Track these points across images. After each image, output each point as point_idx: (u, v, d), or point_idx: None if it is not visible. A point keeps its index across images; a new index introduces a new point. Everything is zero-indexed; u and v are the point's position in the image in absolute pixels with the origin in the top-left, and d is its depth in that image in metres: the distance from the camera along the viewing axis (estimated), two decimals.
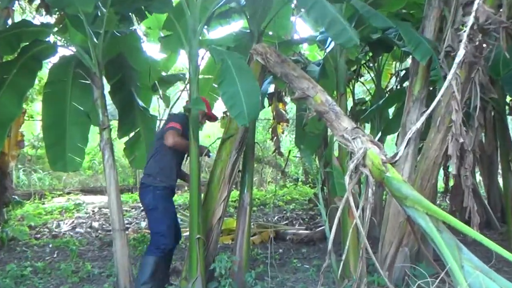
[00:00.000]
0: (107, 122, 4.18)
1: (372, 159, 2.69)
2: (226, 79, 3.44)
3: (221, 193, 4.11)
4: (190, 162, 3.87)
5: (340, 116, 3.12)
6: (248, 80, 3.49)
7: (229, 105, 3.35)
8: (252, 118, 3.37)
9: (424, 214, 2.49)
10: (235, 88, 3.38)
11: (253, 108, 3.33)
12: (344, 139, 2.94)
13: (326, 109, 3.19)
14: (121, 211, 4.19)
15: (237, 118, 3.31)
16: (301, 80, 3.43)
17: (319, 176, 5.27)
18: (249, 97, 3.35)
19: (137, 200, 10.18)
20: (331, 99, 3.24)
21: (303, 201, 9.89)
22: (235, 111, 3.31)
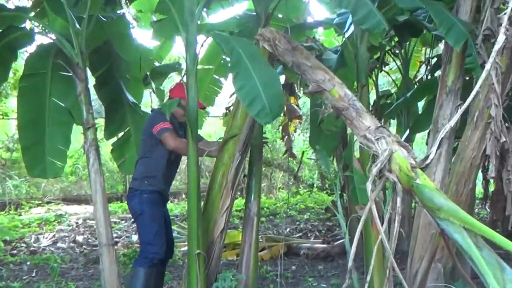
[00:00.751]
0: (92, 121, 4.20)
1: (400, 164, 2.67)
2: (241, 71, 3.43)
3: (224, 201, 4.10)
4: (188, 166, 3.87)
5: (361, 113, 3.09)
6: (265, 69, 3.49)
7: (247, 102, 3.34)
8: (277, 114, 3.39)
9: (460, 228, 2.47)
10: (252, 81, 3.37)
11: (275, 102, 3.34)
12: (366, 140, 2.92)
13: (345, 105, 3.17)
14: (109, 223, 4.21)
15: (259, 117, 3.31)
16: (316, 71, 3.42)
17: (337, 181, 5.25)
18: (269, 89, 3.35)
19: (127, 210, 10.21)
20: (350, 93, 3.22)
21: (319, 210, 9.88)
22: (255, 108, 3.31)
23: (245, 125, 4.06)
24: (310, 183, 12.90)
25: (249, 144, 4.20)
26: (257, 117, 3.33)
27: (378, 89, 7.10)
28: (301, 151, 12.94)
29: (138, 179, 4.09)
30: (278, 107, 3.36)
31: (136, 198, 4.06)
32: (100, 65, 4.91)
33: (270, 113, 3.28)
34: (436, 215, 2.55)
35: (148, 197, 4.03)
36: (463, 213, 2.51)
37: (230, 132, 4.15)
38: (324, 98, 3.34)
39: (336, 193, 4.93)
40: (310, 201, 11.01)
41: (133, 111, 5.03)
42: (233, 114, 4.15)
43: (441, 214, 2.52)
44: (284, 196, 12.07)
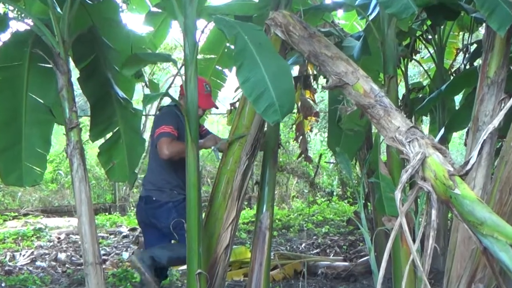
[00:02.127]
0: (75, 119, 4.21)
1: (435, 170, 2.64)
2: (246, 62, 3.41)
3: (229, 212, 4.12)
4: (187, 172, 3.87)
5: (390, 111, 3.07)
6: (274, 59, 3.48)
7: (253, 97, 3.33)
8: (287, 111, 3.36)
9: (507, 246, 2.44)
10: (258, 73, 3.35)
11: (286, 97, 3.32)
12: (396, 142, 2.90)
13: (371, 101, 3.15)
14: (96, 239, 4.21)
15: (266, 115, 3.30)
16: (337, 62, 3.40)
17: (360, 188, 5.24)
18: (278, 83, 3.34)
19: (116, 223, 10.26)
20: (377, 88, 3.20)
21: (340, 223, 9.86)
22: (262, 105, 3.29)
23: (254, 124, 4.06)
24: (329, 191, 12.88)
25: (258, 146, 4.21)
26: (264, 115, 3.31)
27: (407, 81, 7.08)
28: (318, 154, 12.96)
29: (166, 190, 4.27)
30: (289, 103, 3.34)
31: (173, 213, 4.26)
32: (85, 55, 4.92)
33: (279, 110, 3.27)
34: (478, 230, 2.52)
35: (183, 206, 4.09)
36: (511, 229, 2.48)
37: (236, 132, 4.15)
38: (346, 93, 3.32)
39: (359, 203, 4.92)
40: (329, 212, 10.99)
41: (123, 108, 5.03)
42: (240, 112, 4.15)
43: (484, 229, 2.49)
44: (299, 206, 12.07)
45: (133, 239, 8.57)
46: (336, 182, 13.12)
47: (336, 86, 3.35)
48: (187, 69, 3.90)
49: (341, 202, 12.08)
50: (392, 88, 4.43)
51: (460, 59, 7.38)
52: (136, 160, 5.20)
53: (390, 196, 4.34)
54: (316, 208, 11.53)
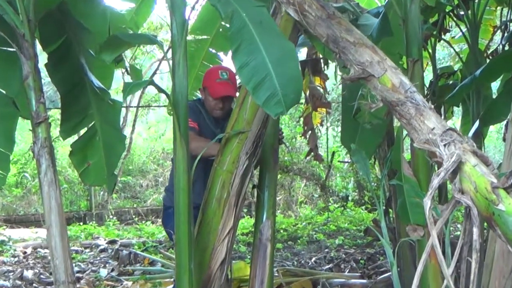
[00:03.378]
0: (43, 113, 4.20)
1: (476, 182, 2.60)
2: (244, 43, 3.40)
3: (225, 222, 4.11)
4: (175, 173, 3.87)
5: (423, 110, 3.02)
6: (278, 41, 3.47)
7: (251, 85, 3.30)
8: (292, 102, 3.32)
9: None
10: (259, 57, 3.34)
11: (291, 86, 3.30)
12: (429, 145, 2.87)
13: (400, 98, 3.10)
14: (69, 253, 4.21)
15: (267, 106, 3.27)
16: (361, 50, 3.36)
17: (380, 192, 5.24)
18: (282, 68, 3.32)
19: (93, 235, 10.27)
20: (408, 82, 3.16)
21: (356, 233, 9.87)
22: (262, 94, 3.27)
23: (257, 118, 4.05)
24: (343, 196, 12.91)
25: (260, 144, 4.20)
26: (265, 106, 3.29)
27: (435, 66, 7.07)
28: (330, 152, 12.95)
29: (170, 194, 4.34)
30: (294, 93, 3.31)
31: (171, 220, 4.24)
32: (54, 37, 4.91)
33: (283, 101, 3.23)
34: None
35: None
36: None
37: (234, 127, 4.14)
38: (371, 87, 3.27)
39: (379, 209, 4.92)
40: (343, 220, 11.01)
41: (99, 99, 5.02)
42: (240, 103, 4.15)
43: None
44: (308, 213, 12.08)
45: (112, 254, 8.59)
46: (352, 185, 13.15)
47: (359, 78, 3.30)
48: (174, 52, 3.88)
49: (357, 209, 12.09)
50: (417, 74, 4.42)
51: (497, 38, 7.36)
52: (115, 160, 5.20)
53: (416, 202, 4.35)
54: (328, 215, 11.55)
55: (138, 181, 14.60)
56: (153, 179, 14.83)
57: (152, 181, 14.81)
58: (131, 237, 10.24)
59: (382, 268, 7.30)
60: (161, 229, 10.52)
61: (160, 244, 9.15)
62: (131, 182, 14.35)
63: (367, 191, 12.53)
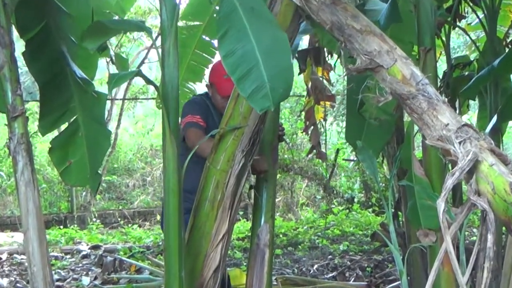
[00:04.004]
0: (20, 106, 4.20)
1: (493, 183, 2.60)
2: (232, 30, 3.40)
3: (219, 225, 4.10)
4: (164, 172, 3.86)
5: (436, 104, 3.02)
6: (269, 29, 3.46)
7: (237, 75, 3.29)
8: (281, 96, 3.32)
9: None
10: (247, 45, 3.33)
11: (281, 78, 3.30)
12: (442, 142, 2.87)
13: (411, 90, 3.11)
14: (48, 260, 4.21)
15: (253, 99, 3.25)
16: (368, 38, 3.36)
17: (389, 193, 5.24)
18: (273, 59, 3.31)
19: (74, 240, 10.27)
20: (420, 74, 3.17)
21: (363, 238, 9.89)
22: (248, 86, 3.26)
23: (254, 113, 4.03)
24: (349, 197, 12.92)
25: (258, 141, 4.20)
26: (250, 100, 3.27)
27: (450, 55, 7.06)
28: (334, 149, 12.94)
29: None
30: (284, 86, 3.30)
31: None
32: (33, 22, 4.90)
33: (270, 95, 3.21)
34: None
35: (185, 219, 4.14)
36: None
37: (229, 122, 4.14)
38: (379, 78, 3.28)
39: (387, 212, 4.92)
40: (348, 224, 11.02)
41: (82, 91, 5.02)
42: (236, 96, 4.14)
43: None
44: (310, 216, 12.08)
45: (96, 260, 8.58)
46: (358, 185, 13.16)
47: (366, 69, 3.30)
48: (164, 40, 3.88)
49: (364, 211, 12.11)
50: (429, 65, 4.42)
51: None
52: (100, 157, 5.20)
53: (427, 204, 4.34)
54: (332, 219, 11.55)
55: (124, 180, 14.59)
56: (140, 179, 14.82)
57: (140, 180, 14.80)
58: (116, 242, 10.23)
59: (390, 276, 7.30)
60: (149, 233, 10.57)
61: (148, 249, 9.15)
62: (117, 182, 14.34)
63: (374, 192, 12.55)
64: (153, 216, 12.17)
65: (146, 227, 11.50)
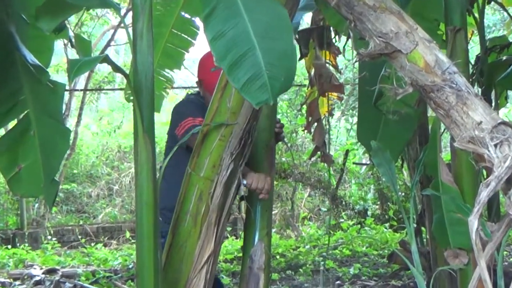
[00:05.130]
0: None
1: None
2: (220, 6, 3.39)
3: (202, 245, 4.09)
4: (136, 180, 3.85)
5: (467, 97, 3.00)
6: (266, 4, 3.47)
7: (228, 62, 3.28)
8: (282, 88, 3.31)
9: None
10: (239, 25, 3.33)
11: (282, 65, 3.29)
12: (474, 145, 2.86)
13: (436, 81, 3.10)
14: None
15: (247, 91, 3.24)
16: (383, 17, 3.35)
17: (410, 205, 5.25)
18: (271, 41, 3.31)
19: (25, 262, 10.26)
20: (447, 60, 3.16)
21: (378, 259, 9.92)
22: (241, 76, 3.25)
23: (245, 107, 4.04)
24: (361, 210, 12.96)
25: (250, 142, 4.20)
26: (244, 92, 3.25)
27: (484, 36, 7.08)
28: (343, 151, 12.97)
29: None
30: (285, 75, 3.30)
31: None
32: None
33: (269, 85, 3.21)
34: None
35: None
36: None
37: (215, 119, 4.14)
38: (397, 66, 3.27)
39: (408, 228, 4.93)
40: (360, 243, 11.06)
41: (34, 80, 5.02)
42: (223, 87, 4.14)
43: None
44: (313, 233, 12.11)
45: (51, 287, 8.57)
46: (372, 195, 13.20)
47: (381, 54, 3.30)
48: (136, 18, 3.86)
49: (379, 227, 12.15)
50: (459, 48, 4.43)
51: None
52: (56, 161, 5.18)
53: (457, 218, 4.34)
54: (340, 236, 11.59)
55: (86, 189, 14.61)
56: (105, 187, 14.84)
57: (105, 189, 14.82)
58: (76, 265, 10.24)
59: None
60: (117, 254, 10.56)
61: (115, 274, 9.15)
62: (77, 191, 14.36)
63: (392, 203, 12.59)
64: (121, 232, 12.18)
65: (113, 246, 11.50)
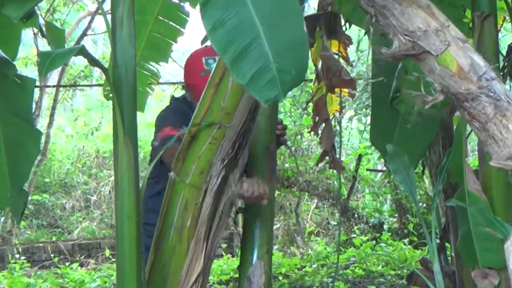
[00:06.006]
0: None
1: None
2: None
3: (190, 264, 4.09)
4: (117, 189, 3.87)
5: (507, 108, 2.99)
6: None
7: (230, 55, 3.28)
8: (293, 82, 3.30)
9: None
10: (242, 12, 3.33)
11: (292, 58, 3.29)
12: None
13: (471, 89, 3.09)
14: None
15: (254, 87, 3.24)
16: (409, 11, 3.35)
17: (432, 218, 5.28)
18: (278, 31, 3.33)
19: None
20: (483, 63, 3.15)
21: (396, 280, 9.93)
22: (246, 70, 3.25)
23: (241, 107, 4.06)
24: (375, 223, 12.95)
25: (245, 145, 4.22)
26: (251, 88, 3.25)
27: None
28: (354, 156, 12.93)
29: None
30: (296, 67, 3.30)
31: None
32: None
33: (278, 80, 3.21)
34: None
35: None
36: None
37: (205, 119, 4.16)
38: (425, 69, 3.26)
39: (430, 245, 4.95)
40: (376, 261, 11.06)
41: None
42: (216, 83, 4.16)
43: None
44: (321, 250, 12.12)
45: None
46: (388, 206, 13.21)
47: (407, 56, 3.31)
48: (115, 3, 3.89)
49: (397, 243, 12.14)
50: (487, 37, 4.44)
51: None
52: (25, 168, 5.21)
53: (486, 233, 4.33)
54: (352, 253, 11.59)
55: (60, 201, 14.57)
56: (82, 198, 14.80)
57: (81, 201, 14.78)
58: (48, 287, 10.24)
59: None
60: (95, 275, 10.56)
61: None
62: (49, 203, 14.33)
63: (411, 216, 12.59)
64: (100, 250, 12.17)
65: (91, 266, 11.50)
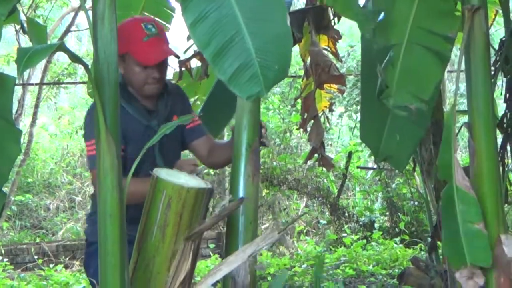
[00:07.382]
0: None
1: None
2: None
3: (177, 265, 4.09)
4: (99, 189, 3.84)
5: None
6: None
7: (211, 50, 3.33)
8: (276, 78, 3.35)
9: None
10: (224, 5, 3.36)
11: (275, 53, 3.33)
12: None
13: None
14: None
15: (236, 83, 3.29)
16: None
17: (426, 216, 5.26)
18: (261, 25, 3.35)
19: None
20: None
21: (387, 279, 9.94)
22: (228, 65, 3.30)
23: None
24: (366, 222, 12.96)
25: None
26: (232, 83, 3.30)
27: (509, 17, 7.08)
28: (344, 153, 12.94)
29: None
30: (279, 63, 3.34)
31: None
32: None
33: (261, 76, 3.26)
34: None
35: None
36: None
37: None
38: None
39: (423, 243, 4.94)
40: (366, 261, 11.07)
41: None
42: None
43: None
44: (311, 250, 12.12)
45: None
46: (380, 204, 13.22)
47: None
48: None
49: (388, 242, 12.14)
50: (478, 30, 4.43)
51: None
52: (5, 168, 5.16)
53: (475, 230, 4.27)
54: (342, 252, 11.60)
55: (43, 201, 14.54)
56: (66, 198, 14.78)
57: (66, 201, 14.76)
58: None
59: None
60: (79, 277, 10.56)
61: None
62: (32, 204, 14.30)
63: (403, 214, 12.59)
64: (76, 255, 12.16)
65: (76, 267, 11.47)
